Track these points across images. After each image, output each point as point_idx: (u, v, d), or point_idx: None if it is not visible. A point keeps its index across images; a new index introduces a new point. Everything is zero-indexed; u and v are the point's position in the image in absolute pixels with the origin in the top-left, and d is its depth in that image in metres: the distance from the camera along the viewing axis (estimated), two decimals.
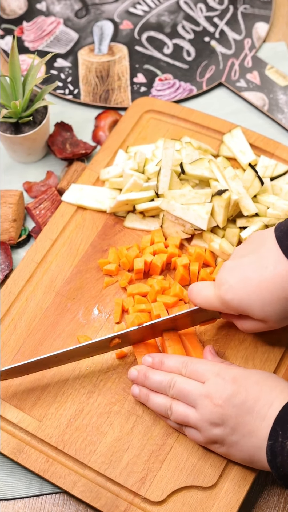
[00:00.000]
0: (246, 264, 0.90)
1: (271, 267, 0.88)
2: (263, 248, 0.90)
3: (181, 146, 1.10)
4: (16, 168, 1.19)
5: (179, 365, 0.92)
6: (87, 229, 1.09)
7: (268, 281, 0.88)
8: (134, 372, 0.95)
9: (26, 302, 1.04)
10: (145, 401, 0.94)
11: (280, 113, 1.22)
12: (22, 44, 1.30)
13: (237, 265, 0.91)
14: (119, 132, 1.17)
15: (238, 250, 0.94)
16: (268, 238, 0.91)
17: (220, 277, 0.92)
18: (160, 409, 0.92)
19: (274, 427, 0.83)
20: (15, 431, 0.95)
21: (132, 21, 1.32)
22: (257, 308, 0.89)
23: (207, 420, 0.88)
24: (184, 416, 0.90)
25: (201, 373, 0.90)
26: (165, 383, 0.91)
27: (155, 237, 1.06)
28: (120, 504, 0.91)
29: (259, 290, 0.88)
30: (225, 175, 1.06)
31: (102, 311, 1.03)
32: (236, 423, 0.86)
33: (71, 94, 1.25)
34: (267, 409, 0.85)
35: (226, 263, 0.93)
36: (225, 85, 1.25)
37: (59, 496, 0.96)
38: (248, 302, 0.89)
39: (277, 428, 0.83)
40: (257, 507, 0.94)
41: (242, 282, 0.89)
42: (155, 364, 0.94)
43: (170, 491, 0.91)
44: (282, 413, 0.83)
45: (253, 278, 0.89)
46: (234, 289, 0.90)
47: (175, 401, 0.91)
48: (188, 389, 0.89)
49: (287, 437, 0.81)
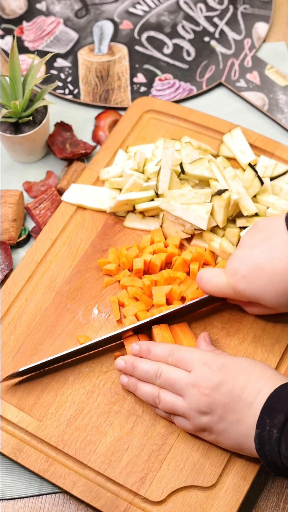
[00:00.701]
0: (257, 254, 0.90)
1: (284, 258, 0.88)
2: (274, 237, 0.90)
3: (181, 146, 1.10)
4: (16, 168, 1.19)
5: (165, 353, 0.92)
6: (87, 229, 1.09)
7: (281, 273, 0.88)
8: (121, 362, 0.95)
9: (26, 302, 1.04)
10: (133, 390, 0.94)
11: (280, 113, 1.22)
12: (22, 44, 1.30)
13: (249, 255, 0.91)
14: (119, 132, 1.17)
15: (246, 238, 0.93)
16: (279, 228, 0.90)
17: (232, 266, 0.92)
18: (148, 398, 0.93)
19: (262, 416, 0.83)
20: (15, 430, 0.95)
21: (132, 21, 1.32)
22: (269, 298, 0.90)
23: (195, 409, 0.88)
24: (172, 405, 0.90)
25: (188, 362, 0.90)
26: (152, 372, 0.92)
27: (155, 237, 1.06)
28: (120, 504, 0.91)
29: (272, 281, 0.89)
30: (225, 175, 1.06)
31: (102, 311, 1.03)
32: (223, 411, 0.86)
33: (71, 94, 1.25)
34: (255, 397, 0.85)
35: (237, 252, 0.93)
36: (225, 85, 1.26)
37: (59, 496, 0.96)
38: (261, 292, 0.90)
39: (264, 417, 0.83)
40: (256, 507, 0.94)
41: (254, 273, 0.90)
42: (142, 352, 0.94)
43: (170, 491, 0.91)
44: (270, 401, 0.83)
45: (266, 269, 0.89)
46: (247, 279, 0.90)
47: (163, 390, 0.91)
48: (175, 378, 0.89)
49: (274, 425, 0.81)
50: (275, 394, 0.83)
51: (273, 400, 0.83)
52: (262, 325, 1.01)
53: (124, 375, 0.95)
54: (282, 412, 0.81)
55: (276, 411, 0.82)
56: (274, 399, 0.83)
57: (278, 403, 0.82)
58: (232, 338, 1.00)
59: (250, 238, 0.93)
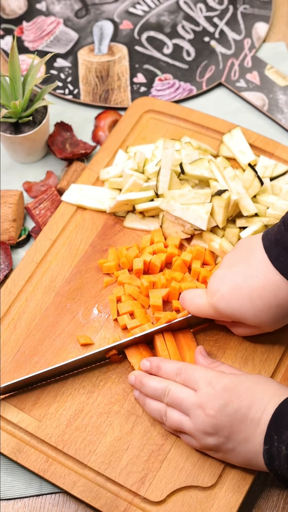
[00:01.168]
0: (236, 273, 0.91)
1: (261, 275, 0.89)
2: (252, 256, 0.91)
3: (181, 146, 1.10)
4: (16, 168, 1.19)
5: (174, 371, 0.92)
6: (87, 229, 1.09)
7: (259, 290, 0.89)
8: (132, 377, 0.95)
9: (26, 302, 1.04)
10: (142, 405, 0.95)
11: (280, 113, 1.22)
12: (22, 44, 1.30)
13: (228, 274, 0.92)
14: (119, 132, 1.17)
15: (227, 258, 0.95)
16: (257, 246, 0.91)
17: (212, 286, 0.93)
18: (155, 414, 0.93)
19: (269, 432, 0.83)
20: (15, 431, 0.96)
21: (132, 21, 1.32)
22: (250, 316, 0.91)
23: (201, 430, 0.88)
24: (179, 423, 0.90)
25: (194, 381, 0.89)
26: (160, 391, 0.91)
27: (155, 237, 1.06)
28: (120, 504, 0.91)
29: (250, 299, 0.90)
30: (224, 175, 1.06)
31: (101, 311, 1.03)
32: (230, 432, 0.86)
33: (71, 94, 1.25)
34: (261, 415, 0.85)
35: (217, 272, 0.94)
36: (224, 85, 1.26)
37: (58, 496, 0.96)
38: (241, 310, 0.91)
39: (271, 433, 0.83)
40: (256, 507, 0.94)
41: (233, 291, 0.90)
42: (152, 369, 0.94)
43: (169, 491, 0.91)
44: (275, 417, 0.83)
45: (244, 287, 0.90)
46: (226, 298, 0.91)
47: (170, 408, 0.91)
48: (181, 398, 0.89)
49: (282, 441, 0.81)
50: (280, 410, 0.84)
51: (279, 416, 0.83)
52: None
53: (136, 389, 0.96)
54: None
55: (283, 426, 0.82)
56: (280, 415, 0.83)
57: (284, 419, 0.83)
58: (232, 339, 1.00)
59: (231, 258, 0.94)
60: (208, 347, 0.99)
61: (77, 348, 1.00)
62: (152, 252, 1.04)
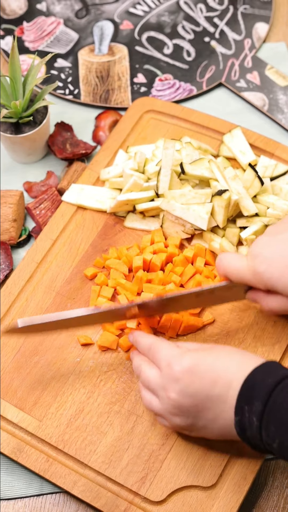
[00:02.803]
0: (280, 240, 0.91)
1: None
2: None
3: (181, 146, 1.10)
4: (16, 168, 1.19)
5: (146, 347, 0.92)
6: (87, 229, 1.09)
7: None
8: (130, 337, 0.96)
9: (26, 302, 1.04)
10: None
11: (280, 113, 1.22)
12: (22, 44, 1.30)
13: (272, 240, 0.92)
14: (119, 132, 1.17)
15: (272, 228, 0.94)
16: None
17: (254, 250, 0.92)
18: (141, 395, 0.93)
19: (239, 404, 0.82)
20: (15, 430, 0.96)
21: (132, 21, 1.32)
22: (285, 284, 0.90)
23: (168, 411, 0.88)
24: (149, 404, 0.90)
25: (158, 360, 0.89)
26: (135, 370, 0.92)
27: (155, 237, 1.06)
28: (120, 504, 0.91)
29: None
30: (225, 175, 1.06)
31: None
32: (196, 411, 0.86)
33: (71, 94, 1.25)
34: (227, 390, 0.84)
35: (260, 238, 0.93)
36: (225, 85, 1.26)
37: (59, 495, 0.96)
38: (279, 277, 0.89)
39: (242, 404, 0.82)
40: (257, 507, 0.94)
41: (277, 256, 0.90)
42: (133, 343, 0.95)
43: (170, 491, 0.91)
44: (243, 390, 0.83)
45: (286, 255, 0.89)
46: (268, 261, 0.90)
47: (143, 388, 0.91)
48: (149, 379, 0.89)
49: (253, 412, 0.81)
50: (248, 381, 0.83)
51: (248, 388, 0.83)
52: (262, 325, 1.01)
53: None
54: (259, 399, 0.81)
55: (252, 397, 0.82)
56: (248, 387, 0.83)
57: (253, 391, 0.82)
58: (232, 338, 1.00)
59: (276, 228, 0.94)
60: None
61: (77, 348, 1.00)
62: (152, 251, 1.04)
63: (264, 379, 0.82)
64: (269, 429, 0.80)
